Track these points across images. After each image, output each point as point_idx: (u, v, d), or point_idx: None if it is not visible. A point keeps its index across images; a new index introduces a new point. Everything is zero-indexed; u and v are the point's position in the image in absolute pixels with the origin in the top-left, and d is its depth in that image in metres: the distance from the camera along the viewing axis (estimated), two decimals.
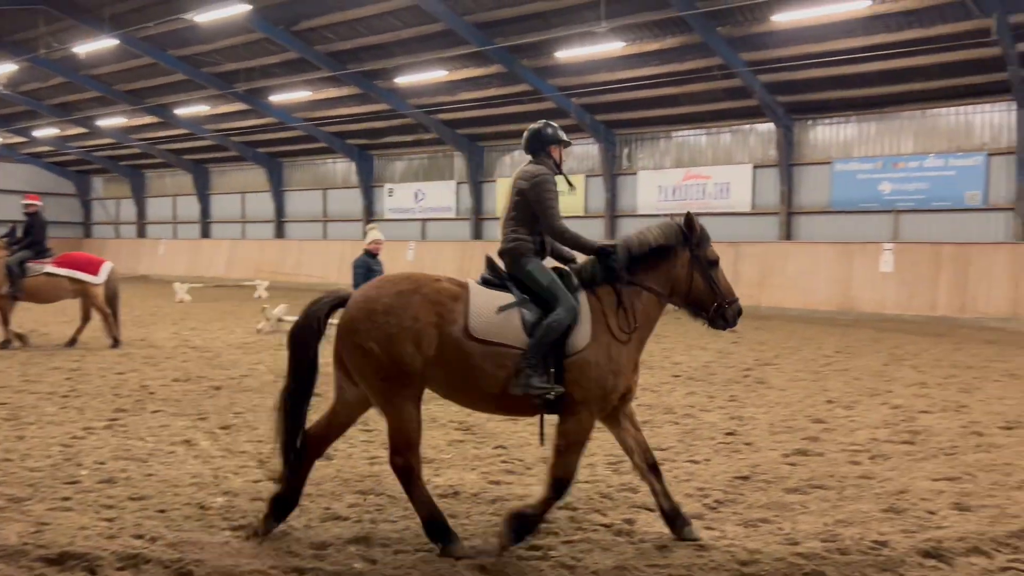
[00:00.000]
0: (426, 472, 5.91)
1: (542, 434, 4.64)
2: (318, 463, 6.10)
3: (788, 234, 21.88)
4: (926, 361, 12.02)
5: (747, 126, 22.82)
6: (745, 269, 21.46)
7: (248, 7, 18.94)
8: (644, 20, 18.86)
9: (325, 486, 5.60)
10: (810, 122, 21.77)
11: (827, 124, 21.56)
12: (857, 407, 8.53)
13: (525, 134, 5.24)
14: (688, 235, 4.81)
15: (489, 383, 4.46)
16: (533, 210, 4.90)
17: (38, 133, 35.04)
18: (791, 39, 18.66)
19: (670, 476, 5.90)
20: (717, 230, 24.12)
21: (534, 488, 5.55)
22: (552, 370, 4.43)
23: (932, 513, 5.13)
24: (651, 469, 4.73)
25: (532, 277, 4.71)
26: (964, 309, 18.09)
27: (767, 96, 20.66)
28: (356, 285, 9.91)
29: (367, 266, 9.77)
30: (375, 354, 4.41)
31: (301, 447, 4.74)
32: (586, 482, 5.74)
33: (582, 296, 4.66)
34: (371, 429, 7.26)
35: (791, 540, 4.66)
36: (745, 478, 5.89)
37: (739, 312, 4.85)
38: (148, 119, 31.60)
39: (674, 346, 13.56)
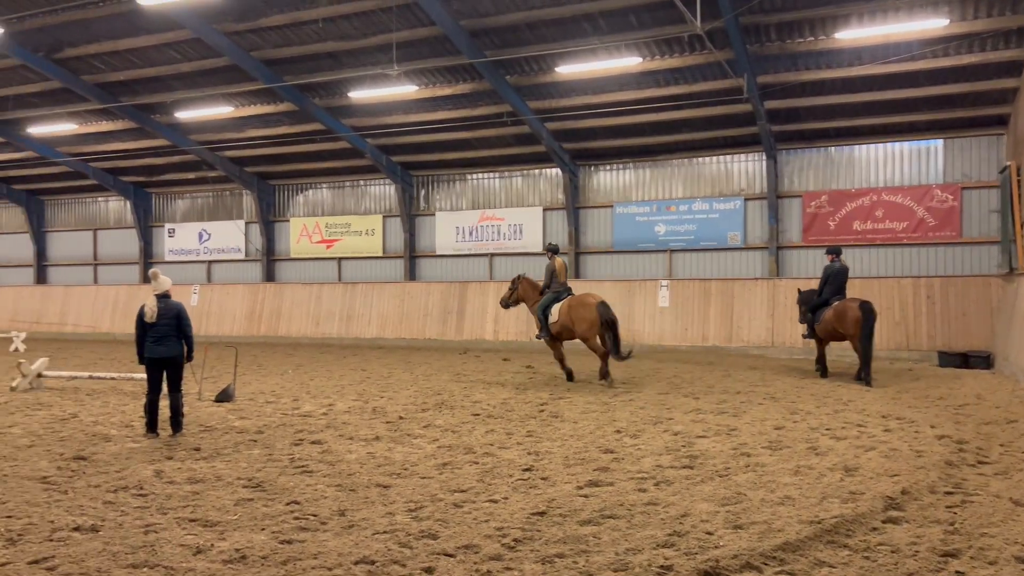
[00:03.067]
0: (208, 536, 5.47)
1: None
2: (80, 536, 5.46)
3: (576, 272, 23.04)
4: (700, 388, 13.04)
5: (537, 171, 23.89)
6: None
7: None
8: (436, 65, 19.26)
9: (89, 563, 4.98)
10: (593, 168, 23.21)
11: (608, 170, 23.09)
12: (643, 435, 9.03)
13: None
14: None
15: None
16: None
17: None
18: (573, 90, 19.87)
19: (469, 518, 5.89)
20: (512, 269, 24.77)
21: (330, 544, 5.30)
22: None
23: (710, 534, 5.49)
24: None
25: None
26: (731, 339, 19.92)
27: (554, 143, 21.79)
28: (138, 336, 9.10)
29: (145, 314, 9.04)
30: None
31: None
32: (385, 532, 5.57)
33: None
34: (147, 493, 6.62)
35: (586, 573, 4.78)
36: (542, 514, 5.99)
37: None
38: None
39: (474, 384, 13.69)
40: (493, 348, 21.71)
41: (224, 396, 11.85)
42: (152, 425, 9.23)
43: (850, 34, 16.22)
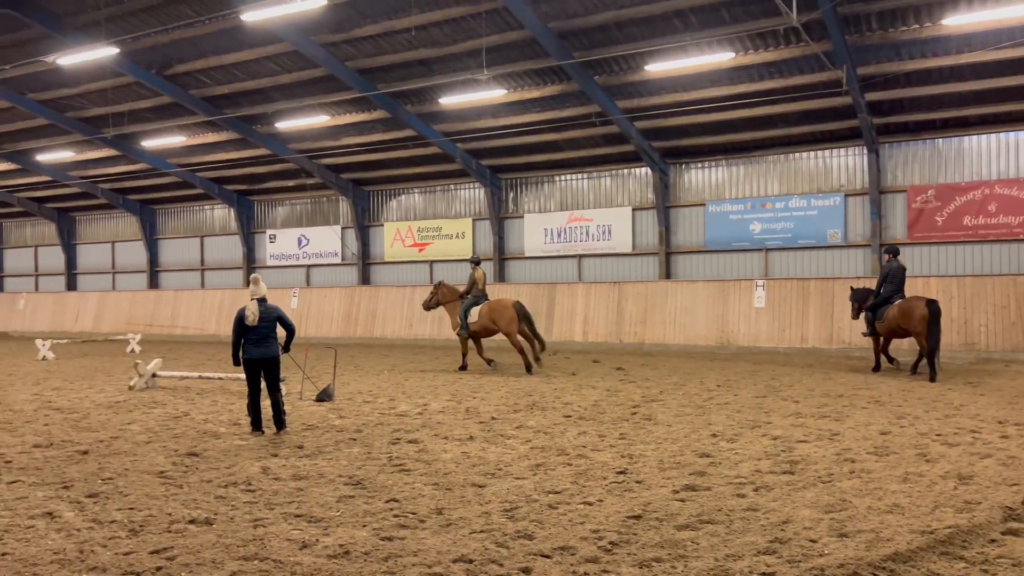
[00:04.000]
0: (313, 532, 5.67)
1: None
2: (196, 529, 5.75)
3: (667, 273, 22.72)
4: (800, 391, 12.64)
5: (626, 170, 23.69)
6: (628, 307, 22.09)
7: (115, 50, 18.17)
8: (525, 68, 19.37)
9: (204, 554, 5.24)
10: (684, 166, 22.84)
11: (700, 168, 22.67)
12: (740, 439, 8.83)
13: None
14: None
15: None
16: None
17: None
18: (663, 88, 19.60)
19: (564, 519, 5.90)
20: (601, 270, 24.79)
21: (429, 542, 5.41)
22: None
23: (814, 541, 5.32)
24: None
25: None
26: (832, 340, 19.23)
27: (643, 142, 21.55)
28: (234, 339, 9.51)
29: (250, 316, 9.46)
30: None
31: None
32: (482, 531, 5.64)
33: None
34: (254, 489, 6.92)
35: None
36: (638, 517, 5.94)
37: None
38: (5, 165, 29.61)
39: (564, 386, 13.69)
40: (582, 349, 21.65)
41: (324, 396, 12.26)
42: (256, 424, 9.63)
43: (958, 20, 15.39)
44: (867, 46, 16.90)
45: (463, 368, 16.37)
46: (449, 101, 20.69)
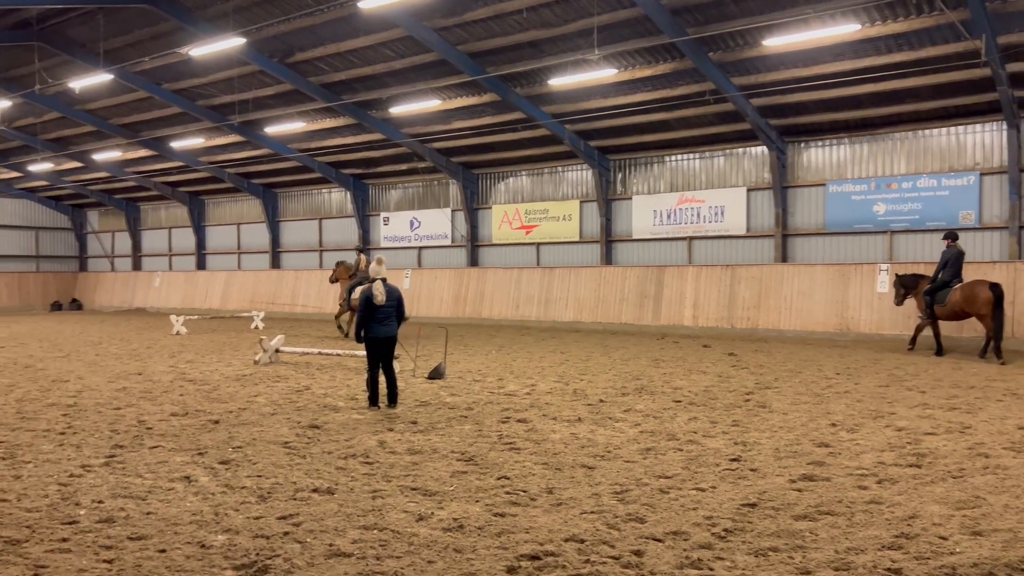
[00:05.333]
0: (428, 505, 5.85)
1: None
2: (319, 498, 6.04)
3: (784, 256, 21.93)
4: (926, 382, 11.98)
5: (740, 149, 22.96)
6: (741, 291, 21.49)
7: (242, 40, 19.06)
8: (636, 47, 19.03)
9: (327, 522, 5.50)
10: (803, 144, 21.91)
11: (820, 146, 21.70)
12: (861, 430, 8.47)
13: None
14: None
15: None
16: None
17: (33, 168, 35.03)
18: (782, 63, 18.83)
19: (676, 504, 5.85)
20: (713, 253, 24.21)
21: (540, 520, 5.48)
22: None
23: (944, 539, 5.06)
24: None
25: None
26: (962, 328, 18.07)
27: (759, 120, 20.81)
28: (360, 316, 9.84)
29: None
30: None
31: None
32: (592, 512, 5.66)
33: None
34: (372, 461, 7.19)
35: (804, 570, 4.59)
36: (753, 505, 5.82)
37: None
38: (143, 152, 31.67)
39: (674, 371, 13.50)
40: (692, 334, 21.25)
41: (436, 374, 12.57)
42: (374, 399, 9.99)
43: None
44: (1010, 13, 15.66)
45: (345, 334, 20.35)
46: (558, 82, 20.59)
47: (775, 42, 17.32)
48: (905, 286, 16.58)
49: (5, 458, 7.45)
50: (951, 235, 15.71)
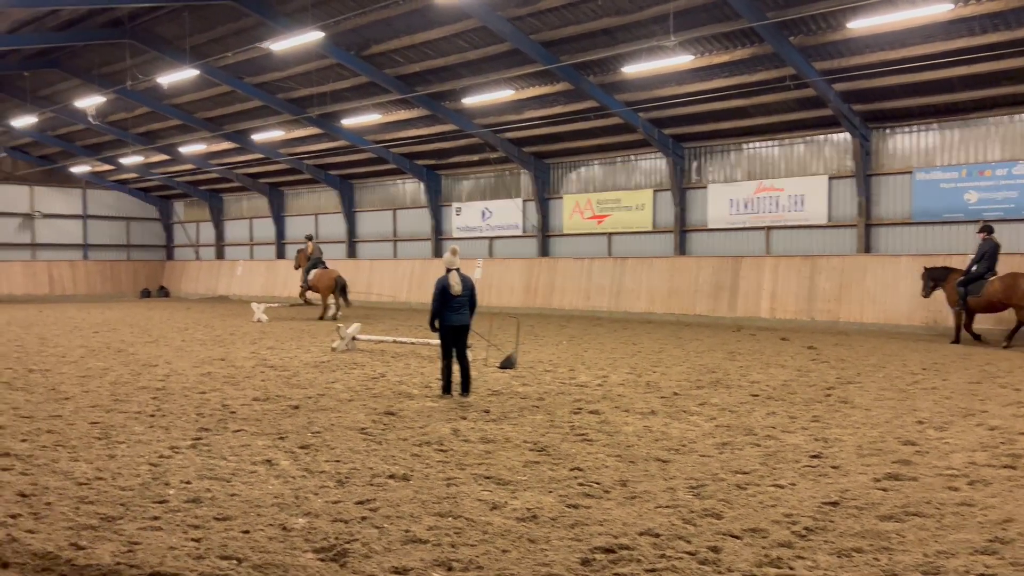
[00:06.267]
0: (502, 494, 5.88)
1: None
2: (395, 484, 6.14)
3: (867, 247, 21.16)
4: (1021, 378, 11.40)
5: (821, 136, 22.23)
6: (822, 283, 20.85)
7: (321, 34, 19.45)
8: (714, 32, 18.60)
9: (403, 508, 5.59)
10: (888, 131, 21.07)
11: (907, 132, 20.82)
12: (950, 428, 8.13)
13: None
14: None
15: None
16: None
17: (125, 161, 36.67)
18: (867, 46, 18.12)
19: (754, 501, 5.72)
20: (792, 243, 23.53)
21: (614, 513, 5.45)
22: None
23: None
24: None
25: None
26: (1000, 320, 17.11)
27: (842, 105, 20.09)
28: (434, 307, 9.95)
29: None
30: None
31: None
32: (667, 507, 5.59)
33: None
34: (446, 449, 7.27)
35: (890, 572, 4.43)
36: (835, 504, 5.65)
37: None
38: (226, 145, 32.73)
39: (750, 364, 13.21)
40: (769, 326, 20.75)
41: (508, 363, 12.62)
42: (447, 387, 10.10)
43: None
44: None
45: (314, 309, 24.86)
46: (632, 70, 20.31)
47: (860, 24, 16.68)
48: (934, 279, 16.78)
49: (101, 438, 7.83)
50: (987, 228, 15.88)
